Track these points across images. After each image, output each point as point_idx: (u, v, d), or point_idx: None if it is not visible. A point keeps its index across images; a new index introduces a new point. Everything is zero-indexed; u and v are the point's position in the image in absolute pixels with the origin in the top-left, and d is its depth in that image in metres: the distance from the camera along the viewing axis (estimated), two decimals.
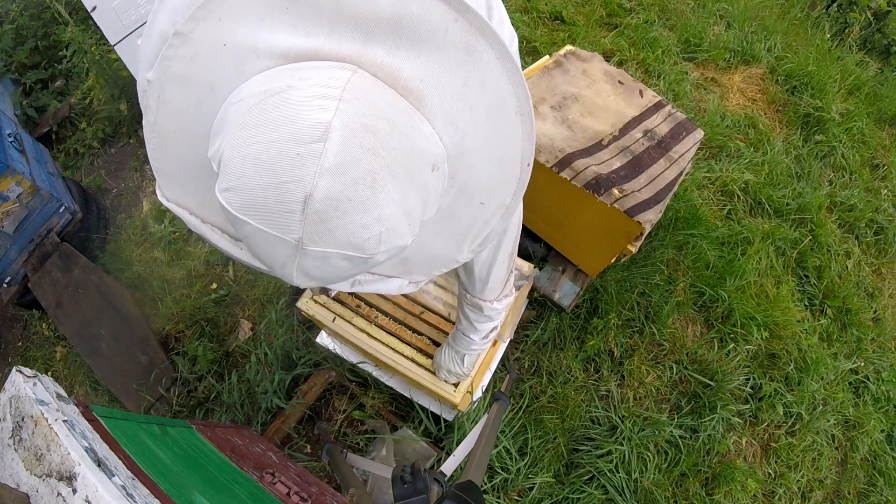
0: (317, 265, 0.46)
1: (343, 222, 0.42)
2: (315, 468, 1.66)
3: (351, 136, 0.41)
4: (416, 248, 0.56)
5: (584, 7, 3.08)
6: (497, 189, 0.57)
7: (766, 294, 2.13)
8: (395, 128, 0.44)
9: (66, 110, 2.75)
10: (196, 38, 0.47)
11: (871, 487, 1.91)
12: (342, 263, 0.46)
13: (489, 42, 0.48)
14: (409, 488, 0.83)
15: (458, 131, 0.51)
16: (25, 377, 0.81)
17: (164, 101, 0.52)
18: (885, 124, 2.92)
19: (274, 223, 0.42)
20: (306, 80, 0.43)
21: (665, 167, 1.66)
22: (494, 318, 1.16)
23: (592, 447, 1.73)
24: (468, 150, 0.52)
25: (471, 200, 0.57)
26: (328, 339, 1.74)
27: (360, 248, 0.45)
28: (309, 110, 0.41)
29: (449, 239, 0.61)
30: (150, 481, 0.81)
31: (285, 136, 0.41)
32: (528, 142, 0.54)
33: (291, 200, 0.41)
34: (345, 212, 0.42)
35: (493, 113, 0.51)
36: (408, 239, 0.48)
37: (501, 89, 0.50)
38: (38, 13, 2.91)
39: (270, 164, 0.41)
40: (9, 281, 2.10)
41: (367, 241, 0.44)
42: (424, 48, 0.47)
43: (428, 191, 0.49)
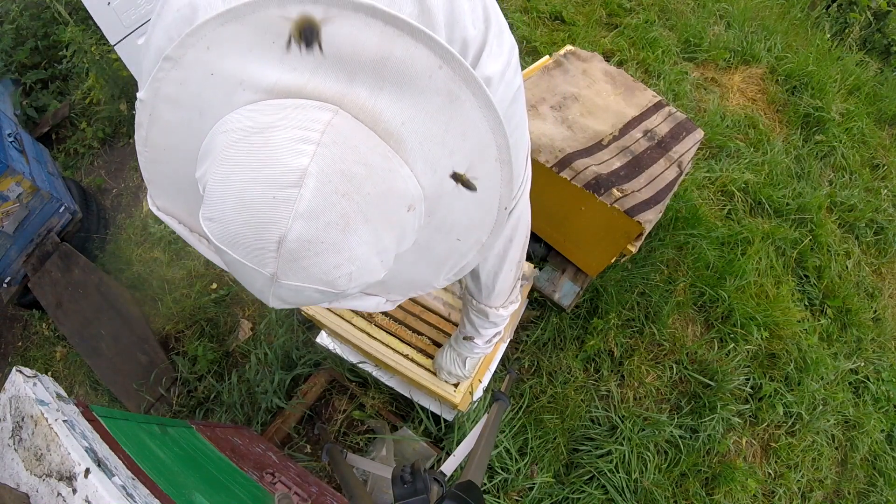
0: (291, 294, 0.48)
1: (316, 262, 0.44)
2: (315, 468, 1.66)
3: (326, 182, 0.43)
4: (392, 274, 0.57)
5: (584, 7, 3.08)
6: (474, 228, 0.58)
7: (766, 294, 2.13)
8: (371, 171, 0.45)
9: (66, 110, 2.75)
10: (185, 64, 0.48)
11: (871, 487, 1.92)
12: (315, 295, 0.48)
13: (472, 91, 0.48)
14: (409, 488, 0.83)
15: (436, 175, 0.51)
16: (25, 377, 0.81)
17: (155, 119, 0.53)
18: (885, 124, 2.92)
19: (251, 257, 0.45)
20: (287, 120, 0.44)
21: (665, 167, 1.66)
22: (499, 324, 1.16)
23: (592, 447, 1.73)
24: (446, 191, 0.53)
25: (448, 236, 0.58)
26: (328, 339, 1.74)
27: (332, 285, 0.47)
28: (287, 154, 0.42)
29: (426, 267, 0.62)
30: (150, 481, 0.81)
31: (264, 177, 0.42)
32: (506, 188, 0.55)
33: (267, 239, 0.43)
34: (317, 253, 0.44)
35: (473, 159, 0.52)
36: (380, 274, 0.50)
37: (482, 138, 0.51)
38: (38, 13, 2.91)
39: (249, 204, 0.43)
40: (9, 281, 2.09)
41: (338, 278, 0.46)
42: (407, 92, 0.47)
43: (403, 228, 0.50)
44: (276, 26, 0.45)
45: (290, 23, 0.44)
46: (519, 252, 0.98)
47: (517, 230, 0.91)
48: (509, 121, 0.68)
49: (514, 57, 0.66)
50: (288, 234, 0.42)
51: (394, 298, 0.69)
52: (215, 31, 0.46)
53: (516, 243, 0.94)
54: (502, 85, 0.63)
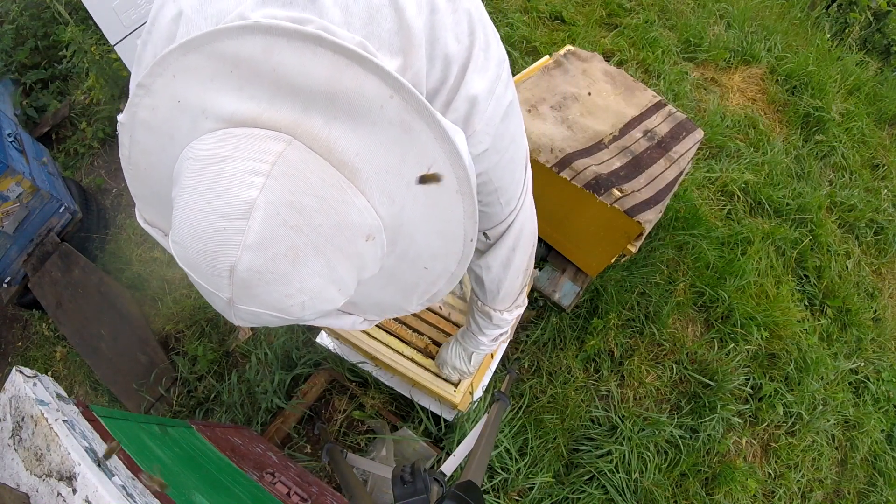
0: (251, 317, 0.49)
1: (266, 290, 0.45)
2: (315, 468, 1.66)
3: (274, 214, 0.43)
4: (362, 297, 0.57)
5: (584, 7, 3.08)
6: (440, 258, 0.57)
7: (766, 294, 2.13)
8: (323, 203, 0.45)
9: (66, 110, 2.75)
10: (155, 91, 0.49)
11: (871, 487, 1.92)
12: (272, 319, 0.49)
13: (426, 122, 0.47)
14: (409, 488, 0.83)
15: (394, 205, 0.50)
16: (25, 377, 0.81)
17: (135, 142, 0.55)
18: (885, 124, 2.92)
19: (207, 281, 0.46)
20: (241, 151, 0.44)
21: (665, 167, 1.66)
22: (503, 327, 1.16)
23: (592, 447, 1.73)
24: (407, 221, 0.52)
25: (414, 265, 0.57)
26: (328, 339, 1.74)
27: (286, 312, 0.48)
28: (238, 187, 0.43)
29: (396, 292, 0.61)
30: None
31: (216, 209, 0.44)
32: (470, 220, 0.54)
33: (219, 268, 0.44)
34: (267, 283, 0.45)
35: (431, 191, 0.51)
36: (338, 301, 0.51)
37: (440, 169, 0.50)
38: (38, 13, 2.90)
39: (202, 233, 0.44)
40: (9, 281, 2.09)
41: (290, 307, 0.47)
42: (361, 122, 0.46)
43: (362, 258, 0.50)
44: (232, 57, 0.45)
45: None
46: (525, 260, 0.97)
47: (520, 239, 0.91)
48: (502, 137, 0.68)
49: (504, 70, 0.64)
50: (237, 264, 0.44)
51: (370, 318, 0.68)
52: (178, 60, 0.47)
53: (520, 252, 0.94)
54: (492, 102, 0.62)
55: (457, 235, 0.55)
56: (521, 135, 0.75)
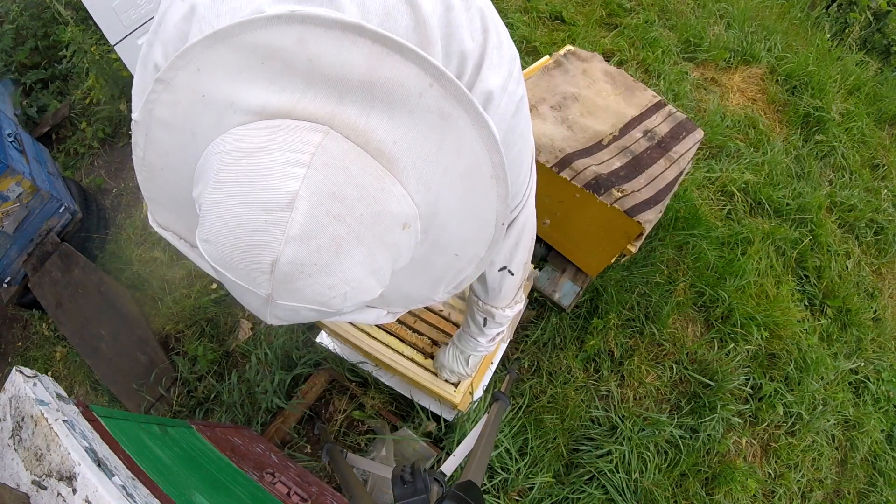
0: (288, 314, 0.48)
1: (309, 283, 0.44)
2: (315, 468, 1.66)
3: (317, 205, 0.42)
4: (392, 288, 0.57)
5: (584, 7, 3.08)
6: (471, 243, 0.58)
7: (766, 294, 2.13)
8: (363, 193, 0.45)
9: (66, 110, 2.75)
10: (176, 86, 0.48)
11: (871, 487, 1.92)
12: (311, 314, 0.48)
13: (465, 109, 0.48)
14: (409, 488, 0.83)
15: (430, 192, 0.51)
16: (25, 377, 0.81)
17: (151, 141, 0.54)
18: (885, 124, 2.92)
19: (245, 279, 0.45)
20: (278, 143, 0.44)
21: (665, 167, 1.66)
22: (504, 324, 1.17)
23: (592, 447, 1.73)
24: (441, 209, 0.53)
25: (444, 252, 0.58)
26: (328, 339, 1.74)
27: (327, 304, 0.47)
28: (278, 178, 0.42)
29: (424, 282, 0.62)
30: (150, 481, 0.81)
31: (255, 202, 0.42)
32: (502, 204, 0.55)
33: (260, 262, 0.43)
34: (310, 275, 0.44)
35: (467, 177, 0.52)
36: (376, 292, 0.50)
37: (477, 155, 0.51)
38: (38, 13, 2.90)
39: (242, 228, 0.43)
40: (9, 281, 2.09)
41: (332, 299, 0.46)
42: (398, 111, 0.46)
43: (398, 247, 0.50)
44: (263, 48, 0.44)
45: None
46: (525, 255, 0.98)
47: (523, 234, 0.91)
48: (512, 131, 0.68)
49: (516, 67, 0.65)
50: (280, 257, 0.43)
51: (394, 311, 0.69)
52: (203, 53, 0.46)
53: (522, 247, 0.94)
54: (505, 97, 0.63)
55: (489, 220, 0.56)
56: (529, 130, 0.76)
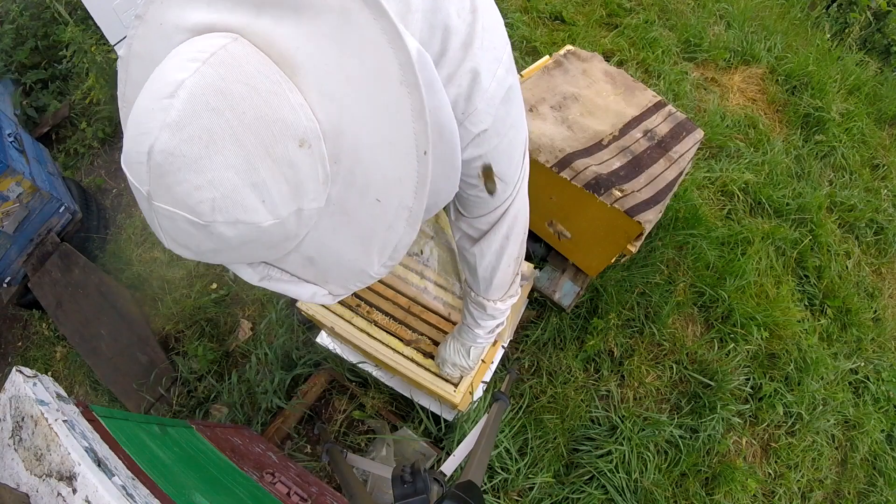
0: (171, 227, 0.46)
1: (177, 179, 0.43)
2: (315, 468, 1.66)
3: (199, 95, 0.42)
4: (316, 244, 0.53)
5: (584, 7, 3.08)
6: (393, 184, 0.50)
7: (766, 294, 2.13)
8: (253, 93, 0.43)
9: (66, 110, 2.75)
10: (147, 19, 0.51)
11: (871, 487, 1.92)
12: (189, 228, 0.45)
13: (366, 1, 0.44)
14: (409, 488, 0.83)
15: (333, 104, 0.46)
16: (25, 377, 0.81)
17: (128, 75, 0.56)
18: (885, 124, 2.92)
19: (134, 174, 0.44)
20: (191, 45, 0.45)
21: (665, 167, 1.66)
22: (498, 317, 1.17)
23: (592, 447, 1.73)
24: (348, 128, 0.47)
25: (365, 195, 0.50)
26: (328, 339, 1.74)
27: (196, 213, 0.44)
28: (173, 71, 0.43)
29: (351, 240, 0.54)
30: (150, 481, 0.81)
31: (149, 93, 0.44)
32: (420, 122, 0.47)
33: (141, 151, 0.43)
34: (178, 168, 0.42)
35: (371, 83, 0.46)
36: (261, 215, 0.45)
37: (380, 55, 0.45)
38: (38, 13, 2.91)
39: (135, 118, 0.44)
40: (9, 281, 2.10)
41: (199, 203, 0.43)
42: (304, 16, 0.45)
43: (296, 168, 0.45)
44: None
45: None
46: (517, 248, 0.98)
47: (514, 226, 0.92)
48: (502, 120, 0.68)
49: (507, 55, 0.64)
50: (155, 144, 0.42)
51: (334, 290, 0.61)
52: None
53: (514, 240, 0.94)
54: (493, 82, 0.62)
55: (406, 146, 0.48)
56: (522, 121, 0.75)
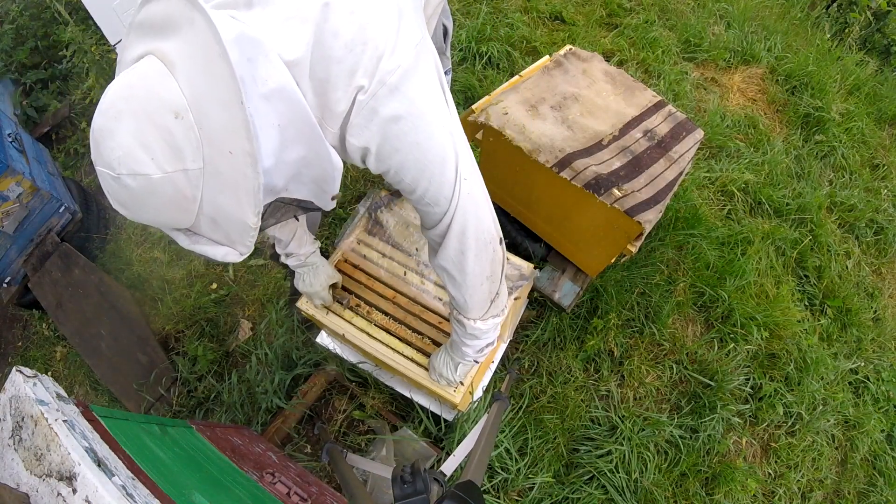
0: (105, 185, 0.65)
1: (103, 147, 0.63)
2: (315, 468, 1.66)
3: (117, 90, 0.63)
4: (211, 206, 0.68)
5: (584, 7, 3.08)
6: (232, 134, 0.65)
7: (766, 294, 2.13)
8: (145, 82, 0.63)
9: (66, 110, 2.75)
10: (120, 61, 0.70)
11: (871, 487, 1.92)
12: (112, 183, 0.64)
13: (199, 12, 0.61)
14: (409, 488, 0.83)
15: (191, 83, 0.63)
16: (25, 377, 0.81)
17: None
18: (885, 124, 2.92)
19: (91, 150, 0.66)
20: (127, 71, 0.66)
21: (665, 167, 1.66)
22: (481, 337, 1.15)
23: (592, 447, 1.73)
24: (200, 98, 0.63)
25: (221, 149, 0.65)
26: (328, 339, 1.74)
27: (110, 167, 0.63)
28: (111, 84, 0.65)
29: (230, 195, 0.68)
30: (150, 481, 0.81)
31: None
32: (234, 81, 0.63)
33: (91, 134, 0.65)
34: (104, 138, 0.62)
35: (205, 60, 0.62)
36: (151, 170, 0.62)
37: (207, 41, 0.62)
38: (38, 13, 2.91)
39: None
40: (9, 281, 2.10)
41: (112, 161, 0.62)
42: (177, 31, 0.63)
43: (172, 133, 0.62)
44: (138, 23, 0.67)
45: None
46: (482, 266, 0.98)
47: (466, 241, 0.93)
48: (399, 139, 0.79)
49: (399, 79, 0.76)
50: (94, 125, 0.64)
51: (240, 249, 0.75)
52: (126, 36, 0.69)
53: (472, 256, 0.95)
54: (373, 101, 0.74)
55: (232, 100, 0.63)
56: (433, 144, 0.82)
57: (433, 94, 0.82)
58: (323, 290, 1.44)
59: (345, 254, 1.60)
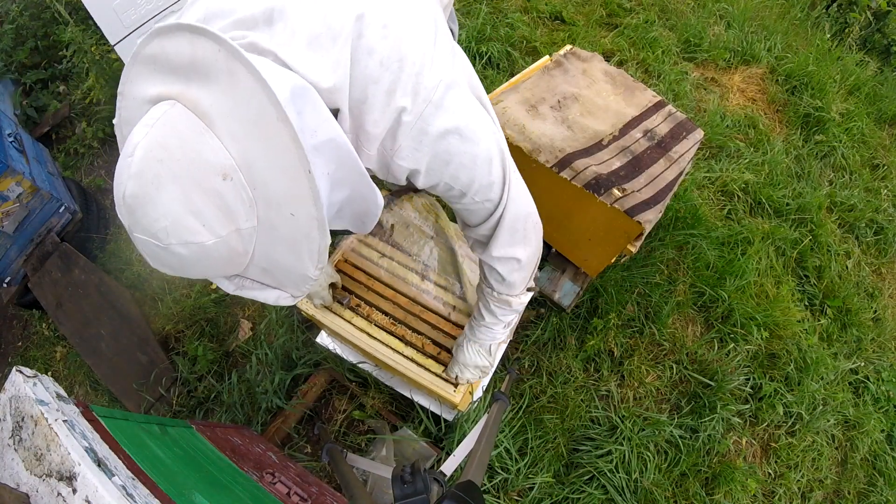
0: (147, 250, 0.60)
1: (142, 213, 0.57)
2: (315, 468, 1.66)
3: (149, 151, 0.56)
4: (264, 257, 0.66)
5: (584, 7, 3.08)
6: (297, 200, 0.61)
7: (766, 294, 2.13)
8: (183, 143, 0.57)
9: (66, 110, 2.75)
10: (125, 95, 0.65)
11: (871, 487, 1.92)
12: (157, 251, 0.59)
13: (241, 62, 0.56)
14: (409, 488, 0.83)
15: (238, 144, 0.58)
16: (25, 377, 0.81)
17: (123, 137, 0.67)
18: (885, 124, 2.92)
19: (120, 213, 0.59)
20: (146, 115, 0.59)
21: (665, 167, 1.66)
22: (520, 310, 1.21)
23: (592, 447, 1.73)
24: (253, 160, 0.59)
25: (280, 211, 0.62)
26: (328, 339, 1.74)
27: (157, 238, 0.58)
28: (134, 136, 0.57)
29: (286, 251, 0.65)
30: (150, 481, 0.81)
31: (122, 154, 0.58)
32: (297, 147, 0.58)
33: (119, 196, 0.58)
34: (142, 205, 0.57)
35: (259, 123, 0.58)
36: (202, 235, 0.58)
37: (260, 101, 0.57)
38: (38, 13, 2.91)
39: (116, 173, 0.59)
40: (9, 281, 2.10)
41: (158, 231, 0.57)
42: (210, 79, 0.58)
43: (222, 196, 0.58)
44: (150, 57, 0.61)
45: None
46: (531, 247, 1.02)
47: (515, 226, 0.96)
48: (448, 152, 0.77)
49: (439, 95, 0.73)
50: (125, 190, 0.57)
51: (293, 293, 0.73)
52: (130, 70, 0.64)
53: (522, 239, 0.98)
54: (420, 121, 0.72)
55: (295, 167, 0.59)
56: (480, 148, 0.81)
57: (471, 98, 0.81)
58: (323, 290, 1.44)
59: (345, 254, 1.60)
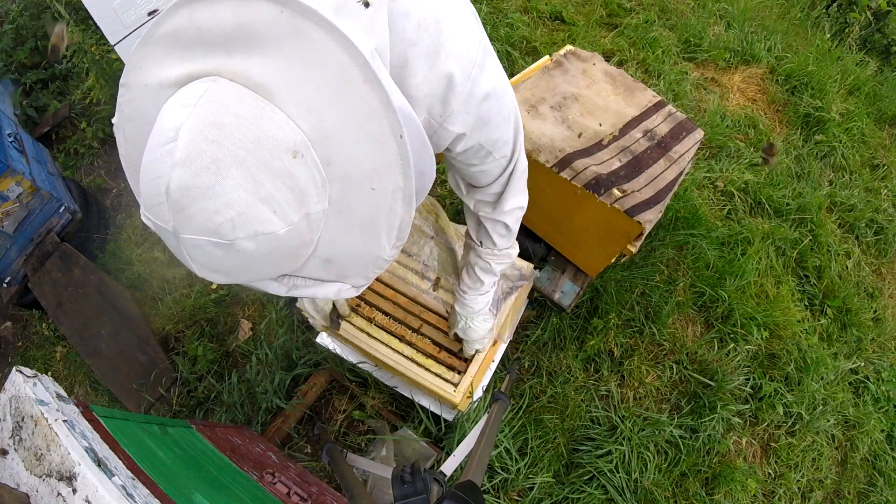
0: (199, 254, 0.51)
1: (196, 209, 0.47)
2: (315, 468, 1.66)
3: (197, 132, 0.47)
4: (329, 246, 0.58)
5: (584, 7, 3.08)
6: (382, 171, 0.55)
7: (766, 294, 2.13)
8: (241, 120, 0.48)
9: (66, 110, 2.75)
10: (130, 85, 0.57)
11: (871, 487, 1.92)
12: (215, 251, 0.50)
13: (314, 21, 0.49)
14: (409, 488, 0.83)
15: (311, 114, 0.51)
16: (25, 377, 0.81)
17: (126, 138, 0.61)
18: (885, 124, 2.92)
19: (155, 214, 0.50)
20: (179, 96, 0.51)
21: (665, 167, 1.66)
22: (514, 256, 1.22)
23: (592, 447, 1.73)
24: (331, 132, 0.52)
25: (361, 187, 0.55)
26: (328, 339, 1.74)
27: (218, 234, 0.48)
28: (170, 119, 0.48)
29: (361, 233, 0.58)
30: (150, 481, 0.81)
31: (154, 142, 0.49)
32: (389, 111, 0.52)
33: (159, 193, 0.48)
34: (195, 198, 0.47)
35: (340, 87, 0.51)
36: (275, 224, 0.50)
37: (341, 63, 0.50)
38: (38, 13, 2.90)
39: (146, 167, 0.49)
40: (9, 281, 2.09)
41: (220, 225, 0.48)
42: (267, 45, 0.50)
43: (295, 177, 0.50)
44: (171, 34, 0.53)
45: None
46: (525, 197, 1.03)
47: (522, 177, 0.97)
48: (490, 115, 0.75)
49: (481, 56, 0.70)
50: (170, 183, 0.47)
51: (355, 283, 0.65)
52: (138, 52, 0.55)
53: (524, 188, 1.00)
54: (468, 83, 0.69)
55: (384, 133, 0.53)
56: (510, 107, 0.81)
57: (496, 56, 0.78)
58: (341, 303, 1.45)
59: None
